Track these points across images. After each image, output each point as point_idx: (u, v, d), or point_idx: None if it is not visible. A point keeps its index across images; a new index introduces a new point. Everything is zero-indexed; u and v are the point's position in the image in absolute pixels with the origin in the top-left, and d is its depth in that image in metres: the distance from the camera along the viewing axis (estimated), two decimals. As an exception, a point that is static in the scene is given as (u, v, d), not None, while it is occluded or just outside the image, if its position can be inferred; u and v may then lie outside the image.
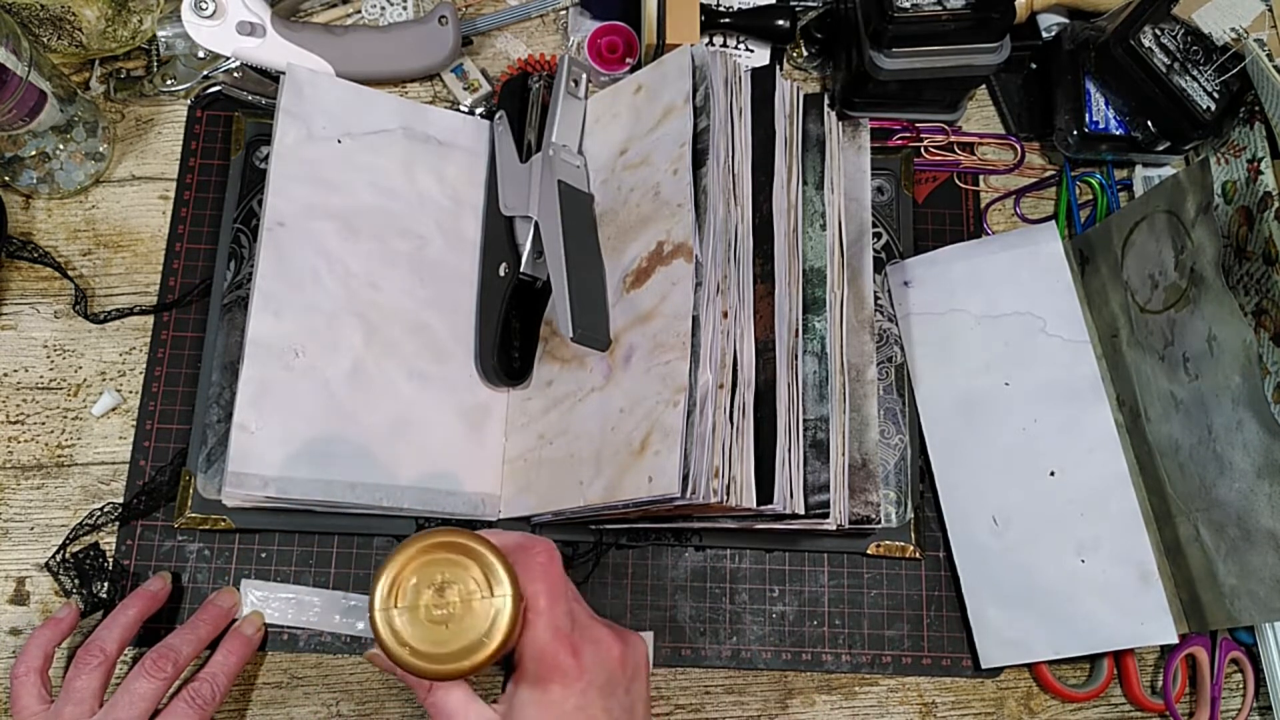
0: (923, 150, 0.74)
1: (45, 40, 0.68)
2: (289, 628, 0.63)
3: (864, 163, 0.68)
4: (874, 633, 0.65)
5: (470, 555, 0.43)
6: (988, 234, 0.73)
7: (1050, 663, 0.64)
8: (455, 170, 0.69)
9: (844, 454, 0.60)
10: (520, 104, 0.69)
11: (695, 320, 0.55)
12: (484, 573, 0.43)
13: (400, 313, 0.64)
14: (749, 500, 0.55)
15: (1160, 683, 0.65)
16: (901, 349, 0.69)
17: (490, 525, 0.64)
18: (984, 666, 0.64)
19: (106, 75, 0.72)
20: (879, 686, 0.65)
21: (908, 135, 0.74)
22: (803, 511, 0.57)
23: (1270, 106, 0.65)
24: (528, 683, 0.45)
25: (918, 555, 0.65)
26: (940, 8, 0.65)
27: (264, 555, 0.64)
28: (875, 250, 0.70)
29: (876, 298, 0.68)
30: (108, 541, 0.63)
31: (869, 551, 0.65)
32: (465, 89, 0.73)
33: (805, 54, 0.76)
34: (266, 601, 0.63)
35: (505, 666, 0.48)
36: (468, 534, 0.43)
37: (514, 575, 0.43)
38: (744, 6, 0.74)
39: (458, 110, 0.72)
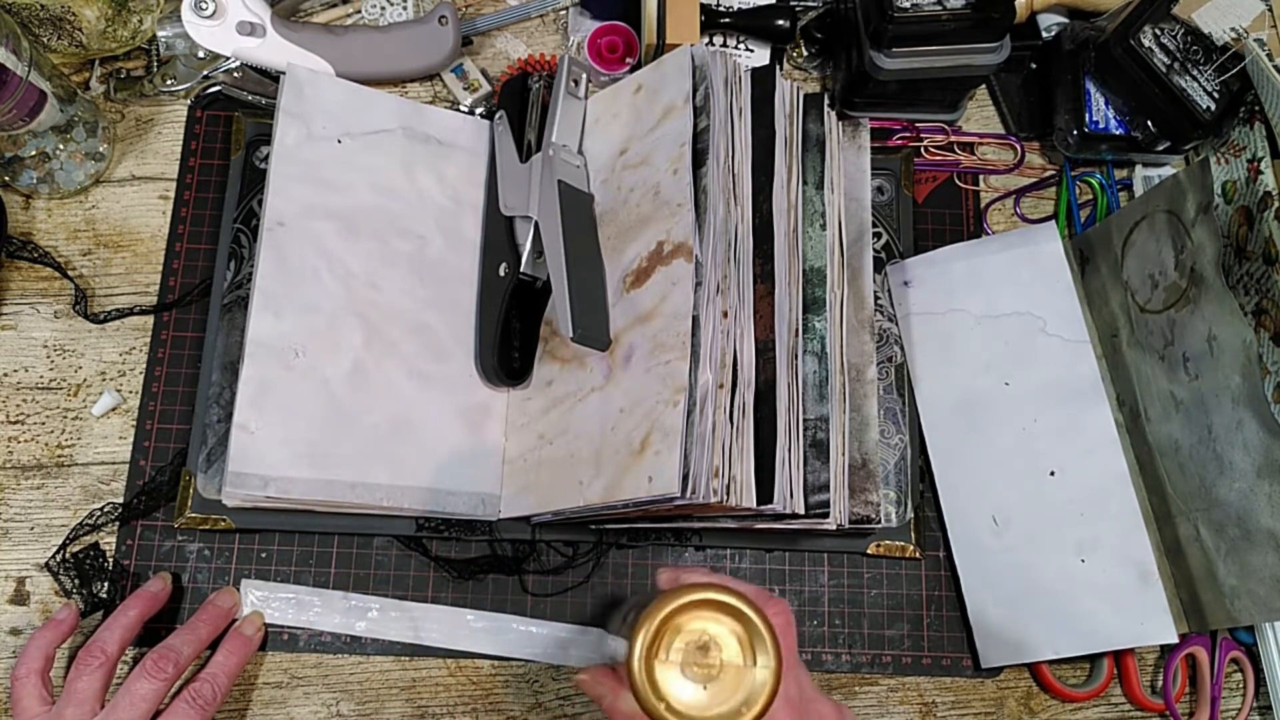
0: (923, 150, 0.74)
1: (45, 40, 0.68)
2: (289, 628, 0.63)
3: (864, 163, 0.68)
4: (874, 633, 0.65)
5: (737, 617, 0.41)
6: (988, 234, 0.73)
7: (1050, 663, 0.64)
8: (455, 170, 0.69)
9: (844, 454, 0.60)
10: (520, 104, 0.69)
11: (695, 320, 0.55)
12: (750, 638, 0.41)
13: (400, 313, 0.64)
14: (749, 500, 0.55)
15: (1160, 683, 0.65)
16: (901, 349, 0.69)
17: (490, 525, 0.64)
18: (984, 666, 0.64)
19: (106, 75, 0.72)
20: (879, 686, 0.65)
21: (908, 135, 0.74)
22: (803, 511, 0.57)
23: (1270, 106, 0.65)
24: None
25: (918, 555, 0.65)
26: (940, 8, 0.65)
27: (264, 555, 0.64)
28: (875, 250, 0.70)
29: (876, 298, 0.68)
30: (108, 541, 0.63)
31: (869, 551, 0.65)
32: (465, 89, 0.73)
33: (805, 54, 0.76)
34: (266, 601, 0.63)
35: None
36: (736, 594, 0.42)
37: (779, 647, 0.41)
38: (744, 6, 0.74)
39: (458, 110, 0.72)
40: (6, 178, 0.68)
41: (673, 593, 0.41)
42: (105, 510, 0.63)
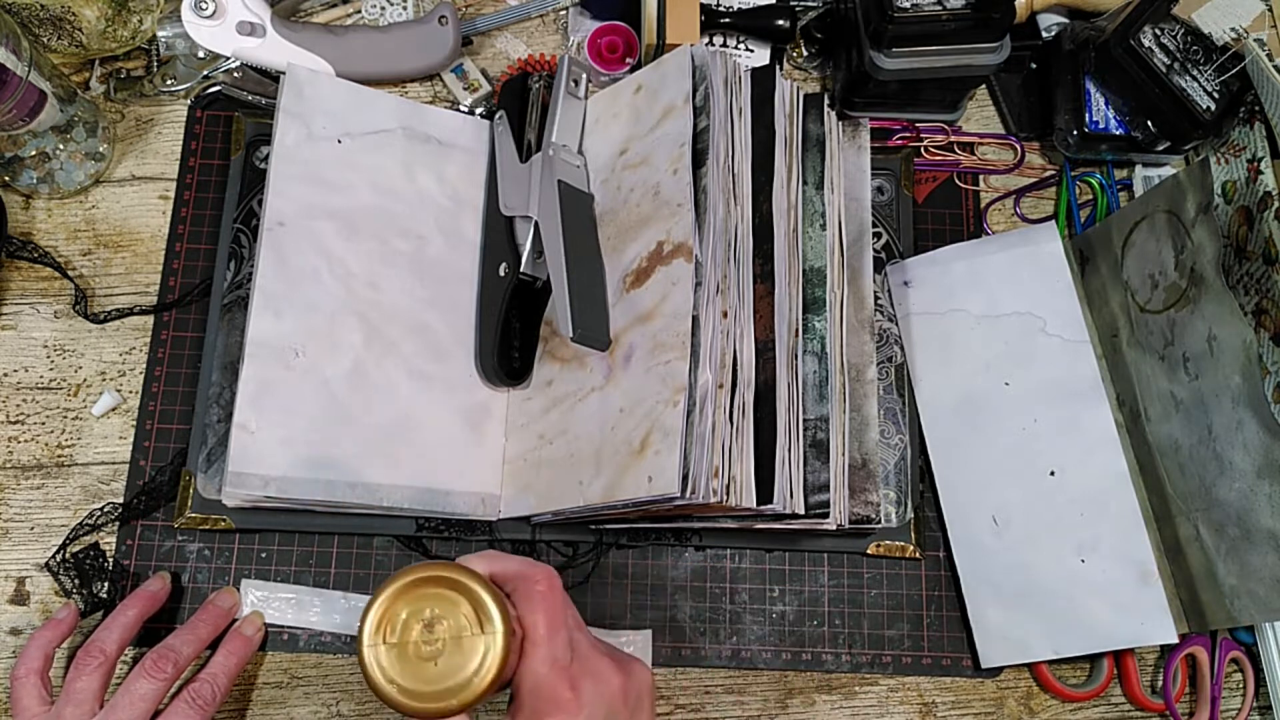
0: (923, 150, 0.74)
1: (45, 40, 0.68)
2: (289, 628, 0.63)
3: (864, 163, 0.68)
4: (874, 633, 0.65)
5: (461, 590, 0.42)
6: (988, 234, 0.73)
7: (1050, 663, 0.64)
8: (455, 170, 0.69)
9: (844, 454, 0.60)
10: (520, 104, 0.69)
11: (695, 320, 0.55)
12: (474, 609, 0.41)
13: (400, 313, 0.64)
14: (749, 500, 0.55)
15: (1160, 682, 0.65)
16: (901, 349, 0.69)
17: (490, 525, 0.64)
18: (984, 666, 0.64)
19: (106, 75, 0.72)
20: (879, 686, 0.65)
21: (908, 135, 0.74)
22: (803, 511, 0.57)
23: (1270, 106, 0.65)
24: (524, 718, 0.44)
25: (918, 555, 0.65)
26: (940, 8, 0.65)
27: (264, 555, 0.64)
28: (875, 250, 0.70)
29: (876, 298, 0.68)
30: (108, 541, 0.63)
31: (869, 551, 0.65)
32: (465, 89, 0.73)
33: (805, 54, 0.76)
34: (266, 601, 0.63)
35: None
36: (459, 568, 0.42)
37: (505, 611, 0.42)
38: (744, 6, 0.74)
39: (458, 110, 0.72)
40: (6, 178, 0.68)
41: (395, 576, 0.42)
42: (105, 510, 0.63)
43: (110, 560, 0.63)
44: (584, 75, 0.69)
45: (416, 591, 0.42)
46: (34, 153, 0.67)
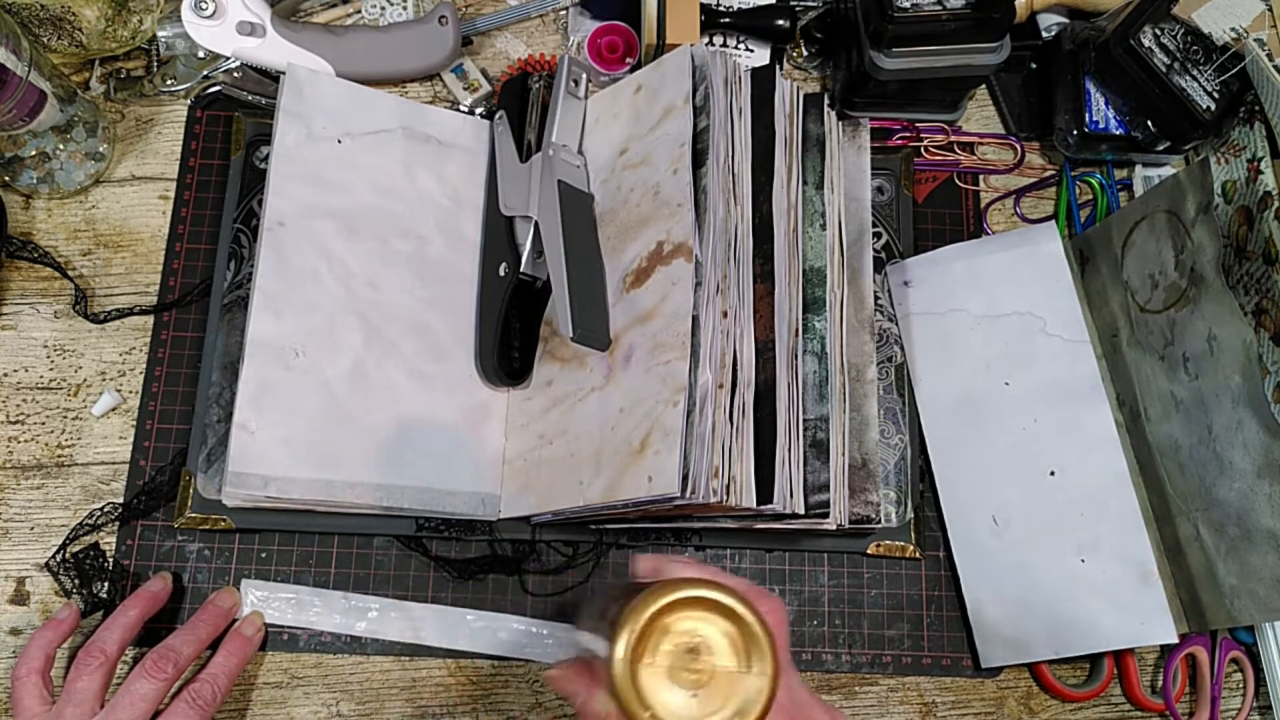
0: (923, 150, 0.74)
1: (45, 40, 0.68)
2: (289, 628, 0.63)
3: (864, 163, 0.68)
4: (874, 633, 0.65)
5: (730, 617, 0.38)
6: (988, 234, 0.73)
7: (1050, 663, 0.64)
8: (455, 170, 0.69)
9: (844, 454, 0.60)
10: (520, 104, 0.69)
11: (695, 320, 0.55)
12: (744, 641, 0.38)
13: (400, 313, 0.64)
14: (749, 500, 0.55)
15: (1160, 683, 0.65)
16: (901, 349, 0.69)
17: (490, 525, 0.64)
18: (984, 666, 0.64)
19: (106, 75, 0.72)
20: (879, 686, 0.65)
21: (908, 135, 0.74)
22: (803, 511, 0.57)
23: (1270, 106, 0.65)
24: None
25: (918, 555, 0.65)
26: (940, 8, 0.65)
27: (264, 555, 0.64)
28: (875, 250, 0.70)
29: (876, 298, 0.68)
30: (108, 541, 0.63)
31: (869, 551, 0.65)
32: (465, 89, 0.73)
33: (805, 54, 0.76)
34: (266, 601, 0.63)
35: None
36: (730, 591, 0.38)
37: (775, 651, 0.38)
38: (744, 6, 0.74)
39: (458, 110, 0.72)
40: (6, 178, 0.68)
41: (660, 589, 0.38)
42: (105, 510, 0.63)
43: (110, 560, 0.63)
44: (584, 75, 0.69)
45: (683, 611, 0.38)
46: (34, 153, 0.67)
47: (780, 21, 0.72)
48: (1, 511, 0.64)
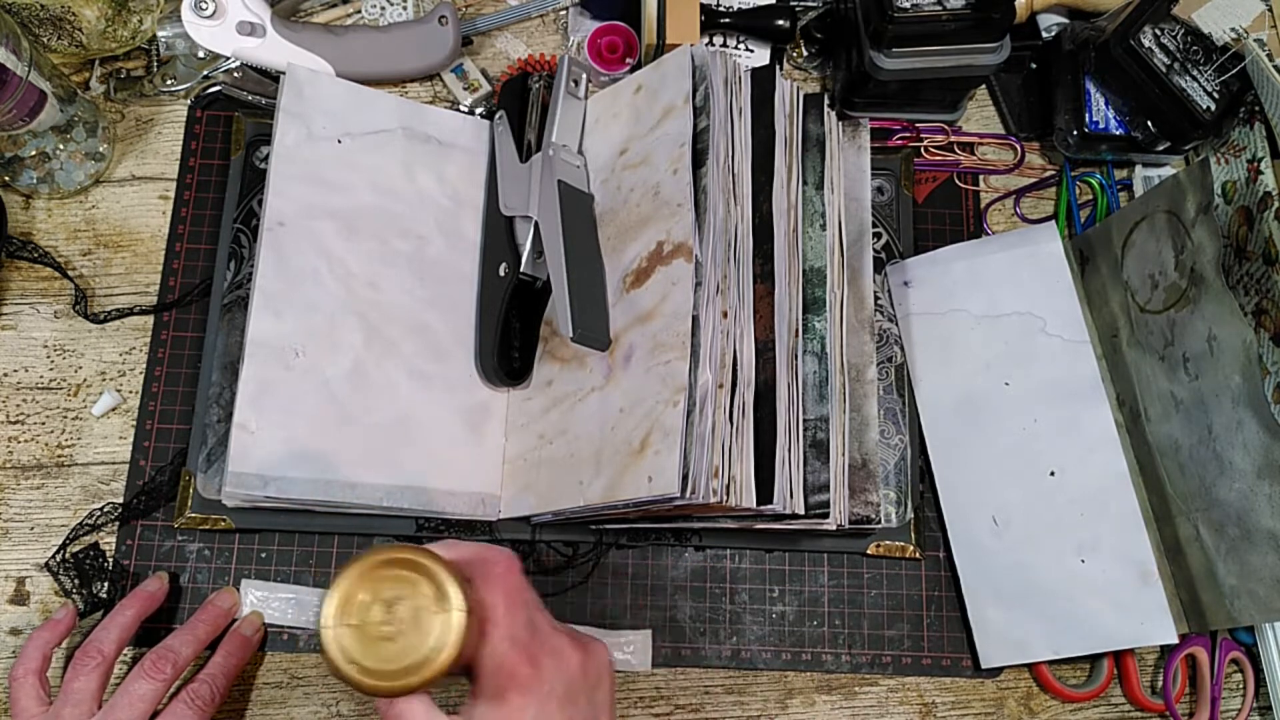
0: (923, 150, 0.74)
1: (45, 40, 0.68)
2: (289, 628, 0.63)
3: (864, 163, 0.68)
4: (874, 633, 0.65)
5: (421, 571, 0.42)
6: (988, 234, 0.73)
7: (1050, 663, 0.64)
8: (455, 170, 0.69)
9: (844, 454, 0.60)
10: (520, 104, 0.69)
11: (695, 320, 0.55)
12: (434, 588, 0.41)
13: (400, 313, 0.64)
14: (749, 500, 0.55)
15: (1160, 683, 0.65)
16: (901, 349, 0.69)
17: (490, 525, 0.64)
18: (984, 666, 0.64)
19: (106, 75, 0.72)
20: (879, 686, 0.65)
21: (908, 135, 0.74)
22: (803, 511, 0.57)
23: (1270, 106, 0.65)
24: (486, 696, 0.44)
25: (918, 555, 0.65)
26: (940, 8, 0.65)
27: (264, 555, 0.64)
28: (875, 250, 0.70)
29: (876, 298, 0.68)
30: (108, 541, 0.63)
31: (869, 551, 0.65)
32: (465, 89, 0.73)
33: (805, 54, 0.76)
34: (266, 601, 0.63)
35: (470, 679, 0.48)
36: (418, 550, 0.42)
37: (465, 590, 0.42)
38: (744, 6, 0.74)
39: (458, 110, 0.72)
40: (6, 178, 0.68)
41: (353, 560, 0.42)
42: (105, 510, 0.63)
43: (110, 560, 0.63)
44: (584, 75, 0.69)
45: (377, 574, 0.42)
46: (34, 153, 0.67)
47: (780, 21, 0.72)
48: (1, 511, 0.64)
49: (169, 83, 0.70)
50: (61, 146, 0.67)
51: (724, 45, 0.75)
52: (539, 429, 0.63)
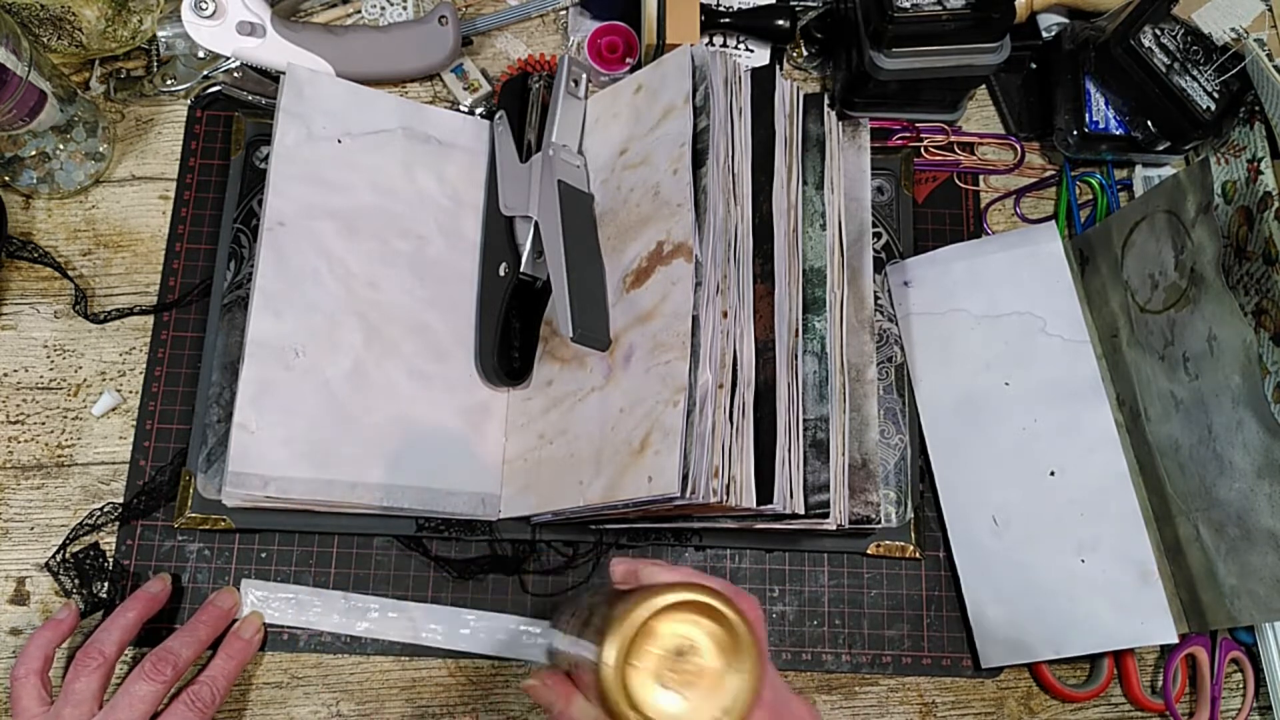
0: (923, 150, 0.74)
1: (45, 40, 0.68)
2: (289, 628, 0.63)
3: (864, 163, 0.68)
4: (874, 633, 0.65)
5: (715, 618, 0.38)
6: (988, 234, 0.73)
7: (1050, 663, 0.64)
8: (455, 170, 0.69)
9: (844, 454, 0.60)
10: (520, 104, 0.69)
11: (695, 320, 0.55)
12: (730, 642, 0.38)
13: (400, 313, 0.64)
14: (749, 500, 0.55)
15: (1160, 683, 0.65)
16: (901, 349, 0.69)
17: (490, 525, 0.64)
18: (984, 666, 0.64)
19: (106, 75, 0.72)
20: (879, 686, 0.65)
21: (908, 135, 0.74)
22: (803, 511, 0.57)
23: (1270, 106, 0.65)
24: None
25: (918, 555, 0.65)
26: (940, 8, 0.65)
27: (264, 555, 0.64)
28: (875, 250, 0.70)
29: (876, 298, 0.68)
30: (108, 541, 0.63)
31: (869, 551, 0.65)
32: (465, 89, 0.73)
33: (805, 54, 0.76)
34: (266, 601, 0.63)
35: None
36: (715, 593, 0.38)
37: (758, 649, 0.38)
38: (744, 6, 0.74)
39: (458, 110, 0.72)
40: (6, 178, 0.68)
41: (648, 594, 0.38)
42: (105, 510, 0.63)
43: (110, 560, 0.63)
44: (584, 75, 0.69)
45: (668, 615, 0.38)
46: (34, 153, 0.67)
47: (780, 21, 0.72)
48: (1, 511, 0.64)
49: (169, 83, 0.70)
50: (61, 146, 0.67)
51: (724, 45, 0.75)
52: (539, 429, 0.63)
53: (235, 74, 0.70)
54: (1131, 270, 0.64)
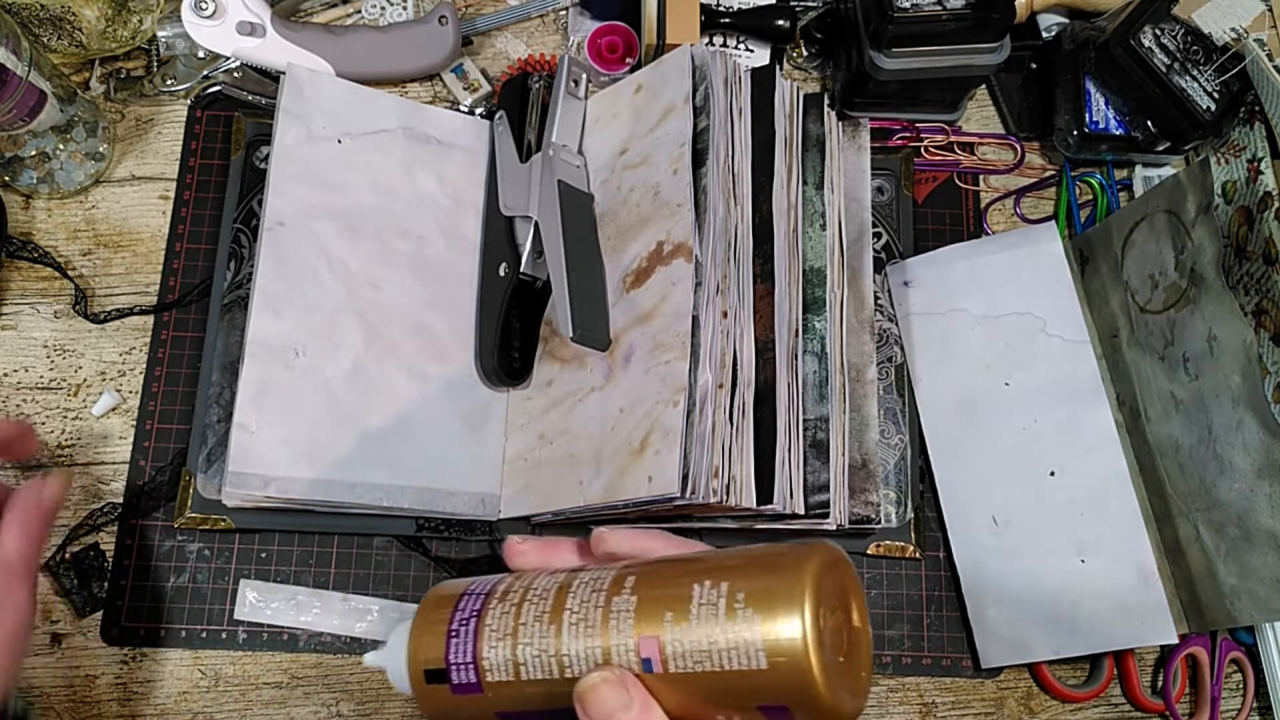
0: (923, 150, 0.74)
1: (45, 40, 0.68)
2: (289, 628, 0.63)
3: (864, 163, 0.68)
4: (874, 633, 0.65)
5: (846, 576, 0.33)
6: (988, 234, 0.73)
7: (1050, 663, 0.64)
8: (455, 170, 0.69)
9: (844, 454, 0.60)
10: (520, 104, 0.69)
11: (695, 320, 0.55)
12: (854, 600, 0.32)
13: (400, 313, 0.64)
14: (749, 500, 0.55)
15: (1160, 683, 0.65)
16: (901, 349, 0.69)
17: (490, 525, 0.64)
18: (984, 666, 0.64)
19: (106, 75, 0.72)
20: (879, 686, 0.65)
21: (908, 135, 0.74)
22: (803, 511, 0.57)
23: (1270, 106, 0.65)
24: None
25: (918, 555, 0.65)
26: (940, 8, 0.65)
27: (264, 555, 0.64)
28: (875, 250, 0.70)
29: (876, 298, 0.68)
30: (108, 542, 0.63)
31: (869, 551, 0.65)
32: (465, 89, 0.73)
33: (805, 54, 0.76)
34: (266, 602, 0.63)
35: None
36: (844, 557, 0.33)
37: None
38: (744, 6, 0.74)
39: (458, 110, 0.72)
40: (6, 178, 0.68)
41: (809, 552, 0.31)
42: (105, 510, 0.63)
43: (110, 560, 0.63)
44: (584, 75, 0.69)
45: (831, 574, 0.32)
46: (34, 153, 0.67)
47: (780, 21, 0.72)
48: (1, 511, 0.64)
49: (169, 83, 0.70)
50: (61, 146, 0.67)
51: (724, 45, 0.75)
52: (539, 429, 0.63)
53: (235, 74, 0.70)
54: (1131, 270, 0.64)
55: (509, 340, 0.66)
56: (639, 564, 0.35)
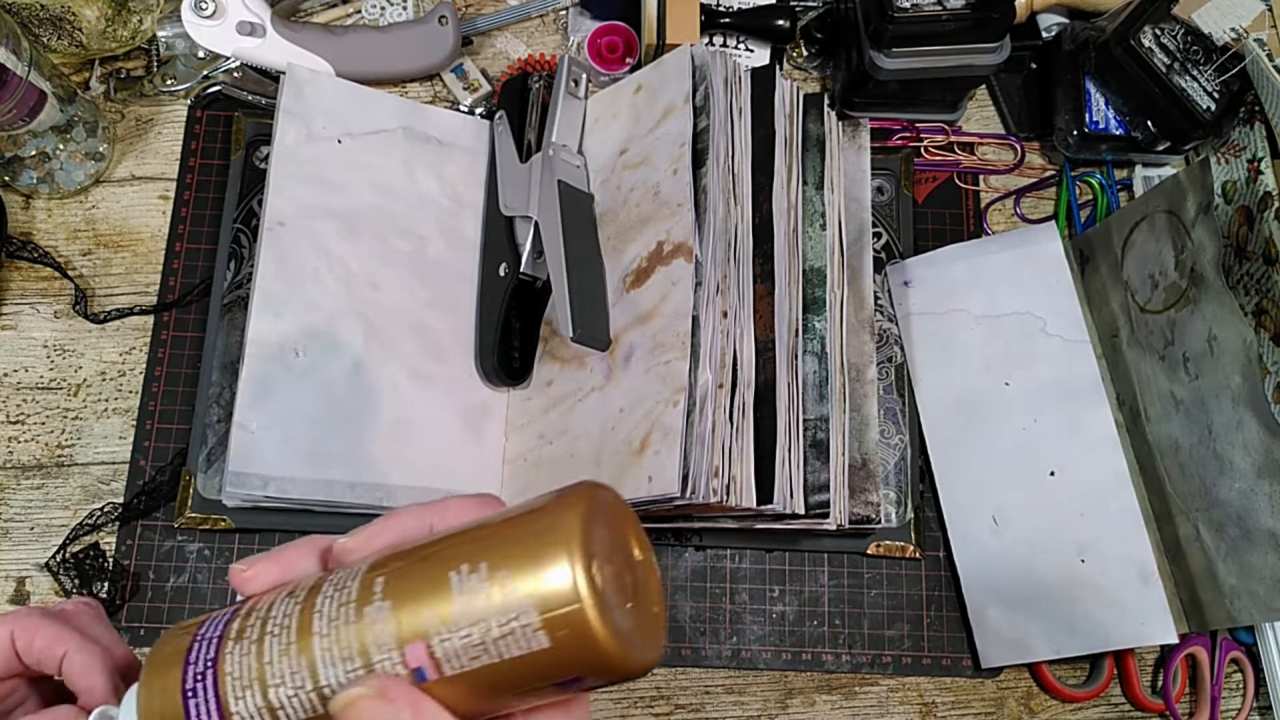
0: (923, 150, 0.74)
1: (45, 40, 0.68)
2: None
3: (864, 163, 0.68)
4: (874, 633, 0.65)
5: (627, 522, 0.30)
6: (988, 234, 0.73)
7: (1050, 663, 0.64)
8: (455, 170, 0.69)
9: (844, 454, 0.60)
10: (520, 104, 0.69)
11: (695, 320, 0.55)
12: (630, 529, 0.30)
13: (400, 313, 0.64)
14: (749, 500, 0.55)
15: (1160, 683, 0.65)
16: (901, 349, 0.69)
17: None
18: (984, 666, 0.64)
19: (106, 75, 0.72)
20: (879, 686, 0.65)
21: (908, 135, 0.74)
22: (803, 511, 0.57)
23: (1270, 106, 0.65)
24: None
25: (918, 555, 0.65)
26: (940, 8, 0.65)
27: (264, 555, 0.64)
28: (875, 250, 0.70)
29: (876, 298, 0.68)
30: (108, 541, 0.63)
31: (869, 551, 0.65)
32: (465, 89, 0.73)
33: (805, 54, 0.76)
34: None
35: None
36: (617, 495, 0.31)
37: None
38: (744, 6, 0.74)
39: (458, 110, 0.72)
40: (6, 178, 0.68)
41: (578, 492, 0.30)
42: (105, 510, 0.63)
43: (110, 560, 0.63)
44: (584, 75, 0.69)
45: (598, 517, 0.29)
46: (34, 153, 0.67)
47: (780, 21, 0.72)
48: (1, 511, 0.64)
49: (169, 83, 0.70)
50: (61, 146, 0.67)
51: (724, 45, 0.75)
52: (539, 429, 0.63)
53: (235, 74, 0.70)
54: (1131, 270, 0.64)
55: (509, 340, 0.66)
56: (387, 559, 0.30)
